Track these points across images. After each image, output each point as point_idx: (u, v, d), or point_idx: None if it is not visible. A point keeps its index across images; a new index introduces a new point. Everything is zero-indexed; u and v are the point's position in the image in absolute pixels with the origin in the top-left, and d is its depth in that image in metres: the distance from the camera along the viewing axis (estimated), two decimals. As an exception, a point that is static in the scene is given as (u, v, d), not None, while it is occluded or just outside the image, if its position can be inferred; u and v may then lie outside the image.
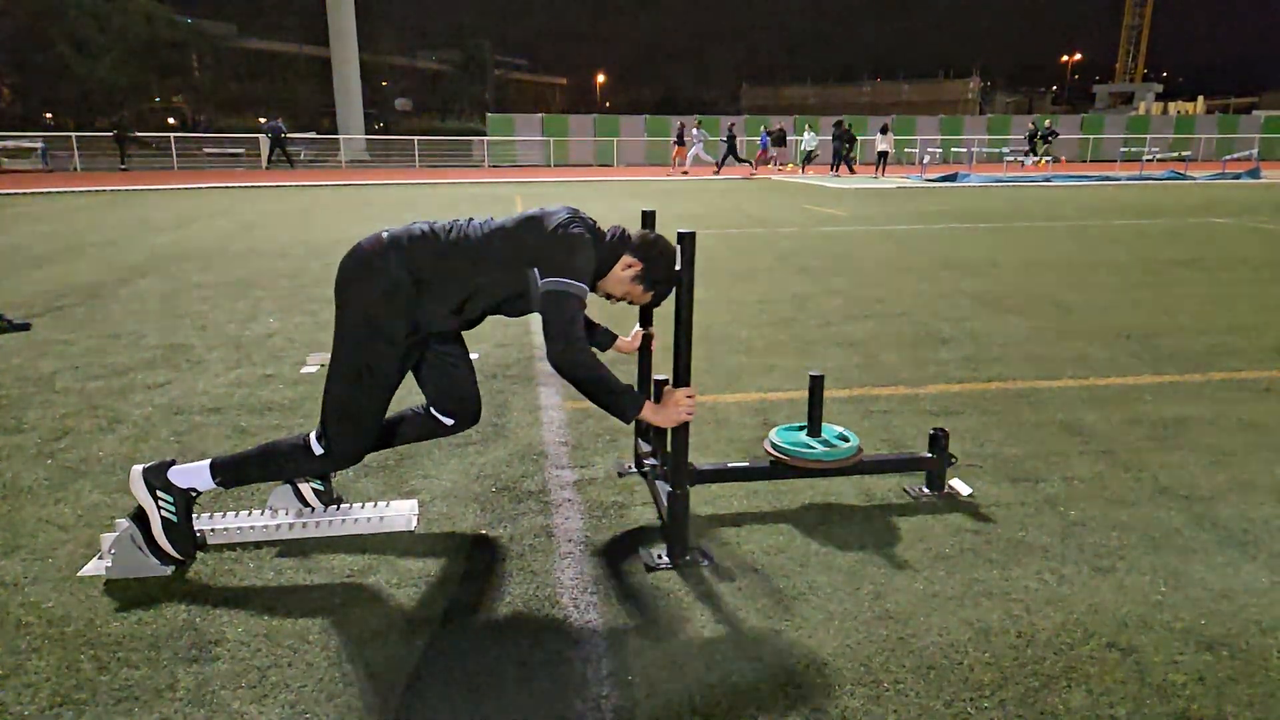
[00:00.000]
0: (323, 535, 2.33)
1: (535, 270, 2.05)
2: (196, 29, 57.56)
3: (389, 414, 2.27)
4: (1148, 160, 26.80)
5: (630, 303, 2.26)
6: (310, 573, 2.12)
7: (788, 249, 8.20)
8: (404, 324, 2.07)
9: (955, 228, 10.09)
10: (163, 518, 2.10)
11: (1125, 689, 1.68)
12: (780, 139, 26.31)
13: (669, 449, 2.20)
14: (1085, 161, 32.98)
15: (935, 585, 2.06)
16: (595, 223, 2.17)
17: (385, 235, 2.09)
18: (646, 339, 2.60)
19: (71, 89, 43.85)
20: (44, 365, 4.02)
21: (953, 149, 29.79)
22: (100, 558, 2.15)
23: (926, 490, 2.61)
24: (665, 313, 2.33)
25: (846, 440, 2.48)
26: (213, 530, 2.29)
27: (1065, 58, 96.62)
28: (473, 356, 4.08)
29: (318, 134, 33.13)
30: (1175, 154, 26.78)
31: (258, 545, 2.26)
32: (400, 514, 2.40)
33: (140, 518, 2.11)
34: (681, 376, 2.12)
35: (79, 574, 2.11)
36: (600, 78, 77.77)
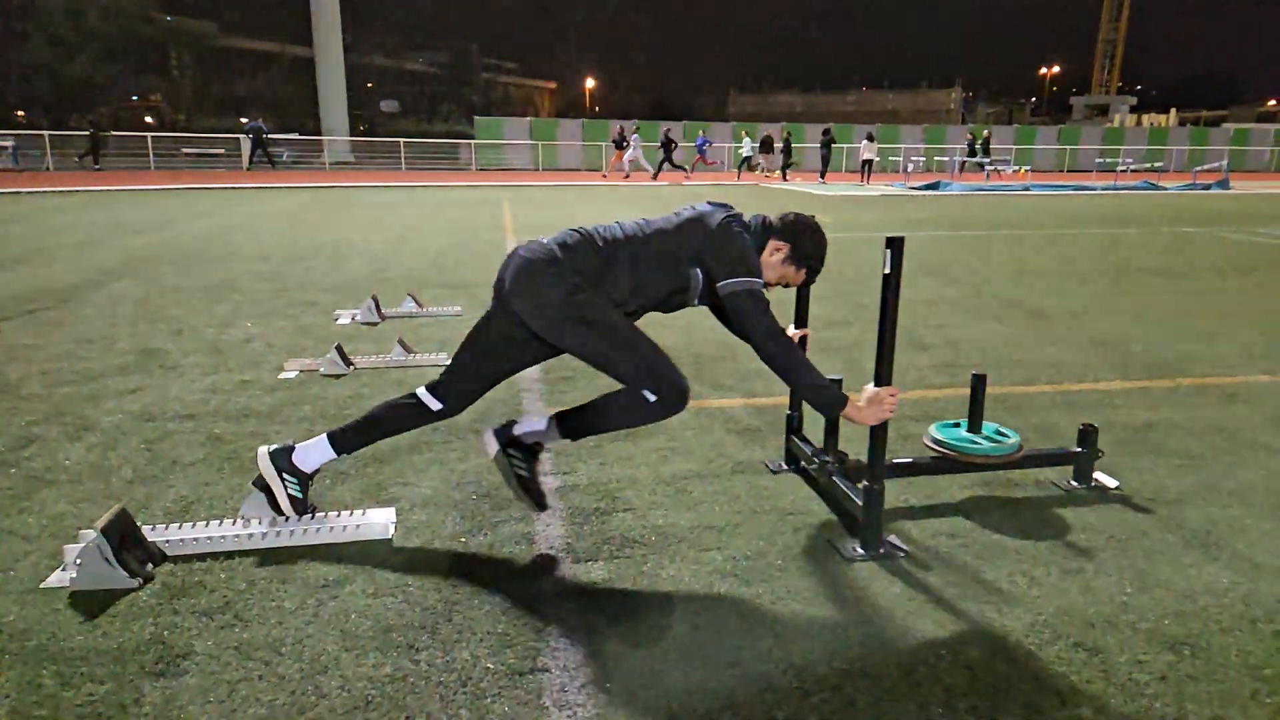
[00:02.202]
0: (297, 544, 2.29)
1: (698, 269, 2.16)
2: (176, 27, 56.98)
3: (372, 412, 2.37)
4: (1122, 170, 27.20)
5: (785, 285, 2.34)
6: (284, 583, 2.09)
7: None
8: (598, 296, 2.15)
9: (937, 235, 10.17)
10: (515, 471, 2.27)
11: (1091, 688, 1.69)
12: (768, 146, 26.45)
13: (830, 443, 2.51)
14: (1062, 171, 33.40)
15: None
16: (741, 214, 2.24)
17: (549, 242, 2.18)
18: (802, 340, 2.66)
19: (45, 86, 43.25)
20: (11, 371, 3.94)
21: (935, 158, 30.08)
22: (64, 569, 2.10)
23: (1074, 483, 2.71)
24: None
25: (1006, 436, 2.58)
26: (183, 540, 2.25)
27: (1044, 70, 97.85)
28: (453, 362, 4.10)
29: (301, 135, 32.83)
30: (1148, 165, 27.20)
31: (229, 555, 2.22)
32: (377, 522, 2.36)
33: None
34: (883, 376, 2.18)
35: (42, 586, 2.06)
36: (590, 82, 77.77)
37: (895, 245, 2.10)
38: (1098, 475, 2.75)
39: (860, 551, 2.26)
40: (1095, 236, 10.17)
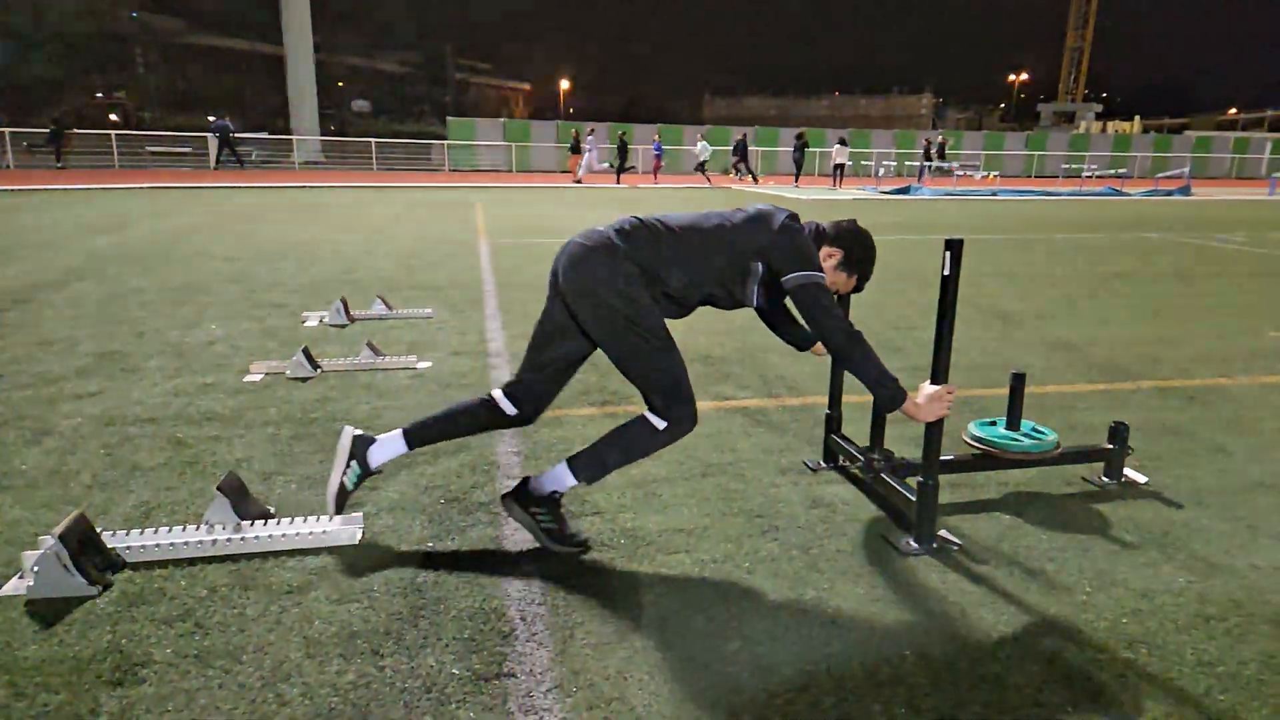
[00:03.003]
0: (261, 550, 2.25)
1: (760, 264, 2.19)
2: (142, 23, 55.96)
3: (448, 407, 2.39)
4: (1087, 176, 27.73)
5: (837, 292, 2.37)
6: (246, 590, 2.06)
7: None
8: (650, 296, 2.16)
9: (907, 239, 10.29)
10: (543, 528, 2.26)
11: (1051, 686, 1.72)
12: (741, 150, 26.57)
13: (875, 439, 2.66)
14: (1030, 177, 33.95)
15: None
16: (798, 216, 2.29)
17: (606, 229, 2.19)
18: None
19: (5, 83, 42.25)
20: (-31, 372, 3.84)
21: (906, 162, 30.43)
22: (21, 577, 2.05)
23: (1106, 479, 2.81)
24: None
25: (1045, 434, 2.67)
26: (143, 547, 2.20)
27: (1012, 77, 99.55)
28: (425, 365, 4.07)
29: (270, 134, 32.37)
30: (1113, 171, 27.77)
31: (191, 562, 2.18)
32: (344, 528, 2.34)
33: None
34: (941, 374, 2.23)
35: (-2, 593, 2.01)
36: (564, 84, 77.62)
37: (954, 248, 2.17)
38: (1127, 471, 2.85)
39: (915, 546, 2.33)
40: (1061, 241, 10.35)
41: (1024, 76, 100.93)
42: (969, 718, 1.63)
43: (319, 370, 3.92)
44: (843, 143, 23.89)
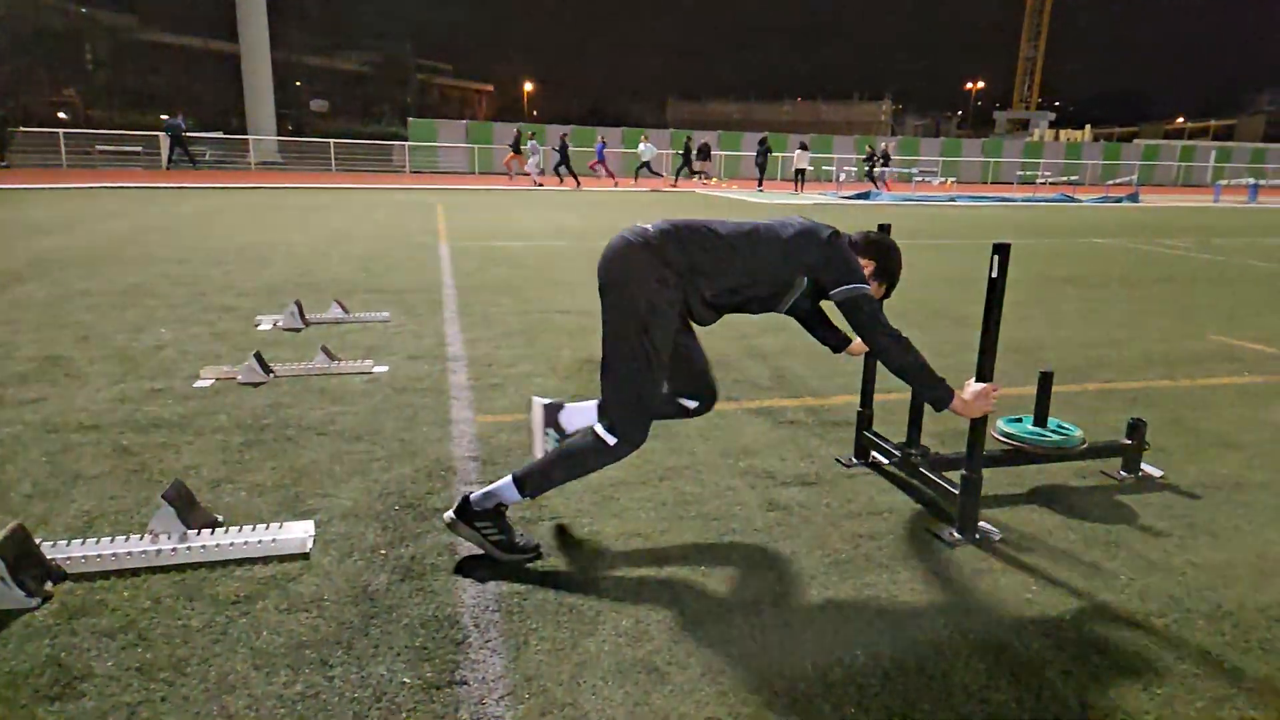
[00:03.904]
0: (208, 560, 2.21)
1: (806, 277, 2.26)
2: (91, 18, 54.44)
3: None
4: (1041, 183, 28.43)
5: None
6: (191, 601, 2.01)
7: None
8: (678, 308, 2.21)
9: (865, 244, 10.42)
10: (492, 541, 2.22)
11: (998, 684, 1.75)
12: (705, 153, 26.71)
13: (912, 436, 2.78)
14: (986, 183, 34.69)
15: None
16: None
17: (649, 228, 2.22)
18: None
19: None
20: (-99, 378, 3.70)
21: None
22: (-47, 589, 1.98)
23: (1124, 473, 2.95)
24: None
25: (1069, 430, 2.81)
26: (85, 558, 2.14)
27: (969, 85, 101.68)
28: (381, 369, 4.02)
29: (225, 134, 31.70)
30: (1065, 178, 28.51)
31: (134, 572, 2.13)
32: (294, 536, 2.30)
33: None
34: (985, 373, 2.34)
35: (-72, 607, 1.94)
36: (528, 86, 77.17)
37: (1002, 252, 2.27)
38: (1144, 466, 2.98)
39: (959, 536, 2.42)
40: (1015, 246, 10.56)
41: (980, 84, 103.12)
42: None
43: (271, 375, 3.85)
44: (803, 147, 24.18)
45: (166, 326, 4.88)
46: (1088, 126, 77.09)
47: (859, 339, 2.67)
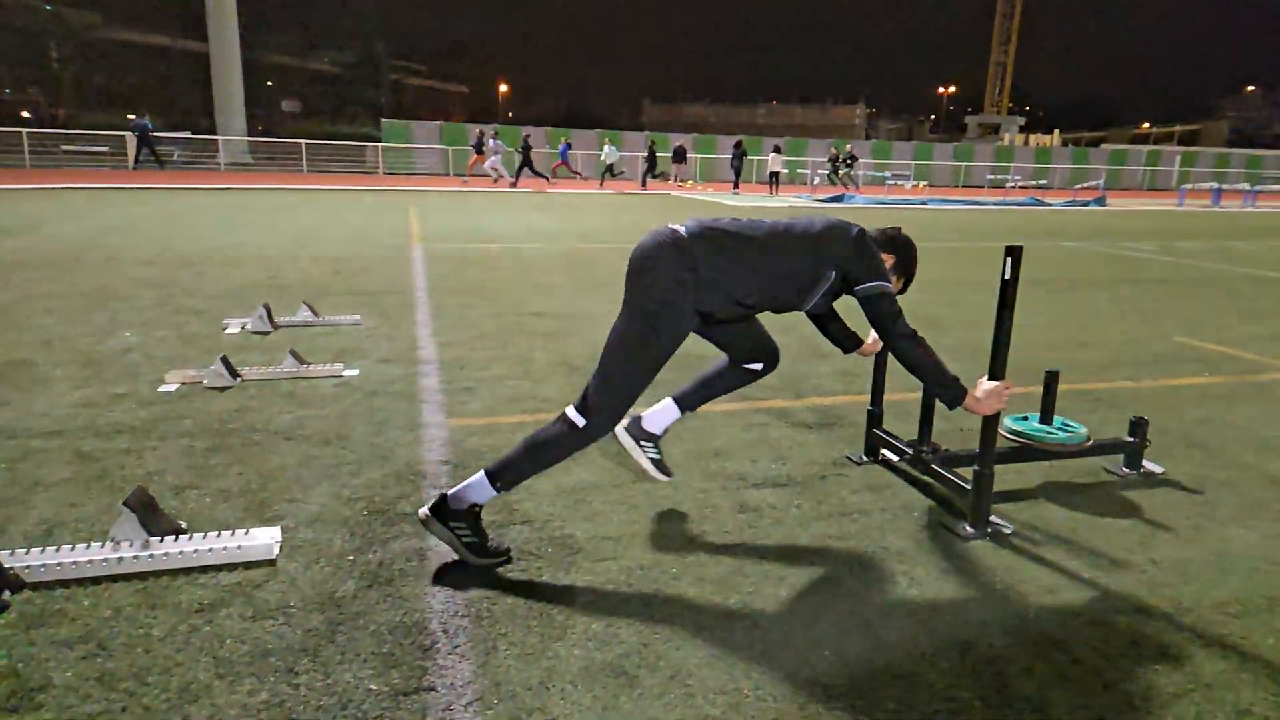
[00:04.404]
0: (171, 568, 2.17)
1: (834, 272, 2.30)
2: (56, 16, 53.40)
3: (707, 372, 2.60)
4: (1011, 187, 28.85)
5: None
6: (154, 609, 1.98)
7: (679, 265, 8.33)
8: (694, 310, 2.24)
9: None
10: (464, 543, 2.21)
11: (964, 682, 1.78)
12: (680, 155, 26.79)
13: (923, 434, 2.85)
14: (957, 186, 35.15)
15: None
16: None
17: (681, 230, 2.26)
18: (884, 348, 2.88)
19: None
20: None
21: (855, 173, 31.13)
22: (-95, 600, 1.93)
23: (1126, 469, 3.03)
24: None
25: (1075, 427, 2.90)
26: (44, 566, 2.10)
27: (941, 90, 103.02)
28: (352, 373, 3.98)
29: (194, 134, 31.23)
30: (1035, 182, 28.97)
31: (95, 581, 2.09)
32: (260, 542, 2.27)
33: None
34: (998, 371, 2.41)
35: (-122, 620, 1.89)
36: (503, 88, 76.89)
37: (1014, 254, 2.33)
38: (1145, 463, 3.06)
39: (971, 531, 2.49)
40: (986, 249, 10.74)
41: (952, 89, 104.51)
42: (877, 710, 1.68)
43: (239, 379, 3.80)
44: (778, 150, 24.34)
45: (131, 330, 4.79)
46: (1057, 131, 78.37)
47: (869, 340, 2.81)
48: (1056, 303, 6.69)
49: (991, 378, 2.41)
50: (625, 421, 2.54)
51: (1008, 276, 2.34)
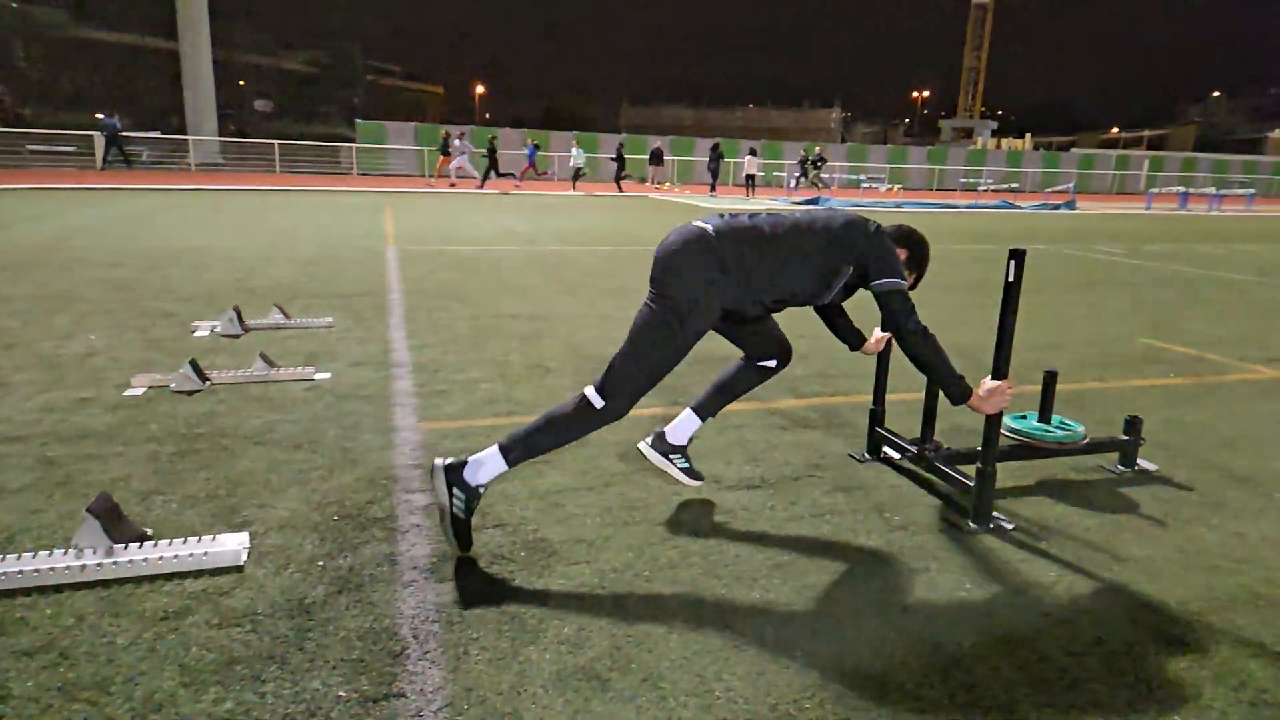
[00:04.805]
0: (136, 575, 2.13)
1: (851, 267, 2.38)
2: (21, 13, 52.37)
3: (722, 376, 2.67)
4: (983, 190, 29.23)
5: None
6: (117, 617, 1.94)
7: (655, 267, 8.34)
8: (720, 307, 2.31)
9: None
10: (452, 511, 2.24)
11: (930, 680, 1.80)
12: (657, 158, 26.84)
13: (926, 432, 2.93)
14: (931, 189, 35.53)
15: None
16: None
17: (708, 228, 2.31)
18: (889, 344, 2.96)
19: None
20: None
21: (824, 175, 31.35)
22: None
23: (1121, 467, 3.11)
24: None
25: (1073, 426, 2.99)
26: (5, 574, 2.05)
27: (916, 94, 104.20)
28: (324, 376, 3.94)
29: (164, 134, 30.75)
30: (1007, 185, 29.39)
31: (57, 589, 2.05)
32: (227, 548, 2.24)
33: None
34: (1001, 370, 2.48)
35: None
36: (479, 89, 76.46)
37: (1018, 257, 2.42)
38: (1140, 461, 3.14)
39: (974, 526, 2.56)
40: (958, 252, 10.86)
41: (926, 93, 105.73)
42: (848, 711, 1.69)
43: (207, 383, 3.74)
44: (753, 153, 24.47)
45: (97, 333, 4.71)
46: (1028, 135, 79.55)
47: (871, 340, 2.88)
48: (1027, 305, 6.78)
49: (995, 377, 2.48)
50: (650, 439, 2.69)
51: (1010, 279, 2.42)
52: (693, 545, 2.41)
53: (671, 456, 2.68)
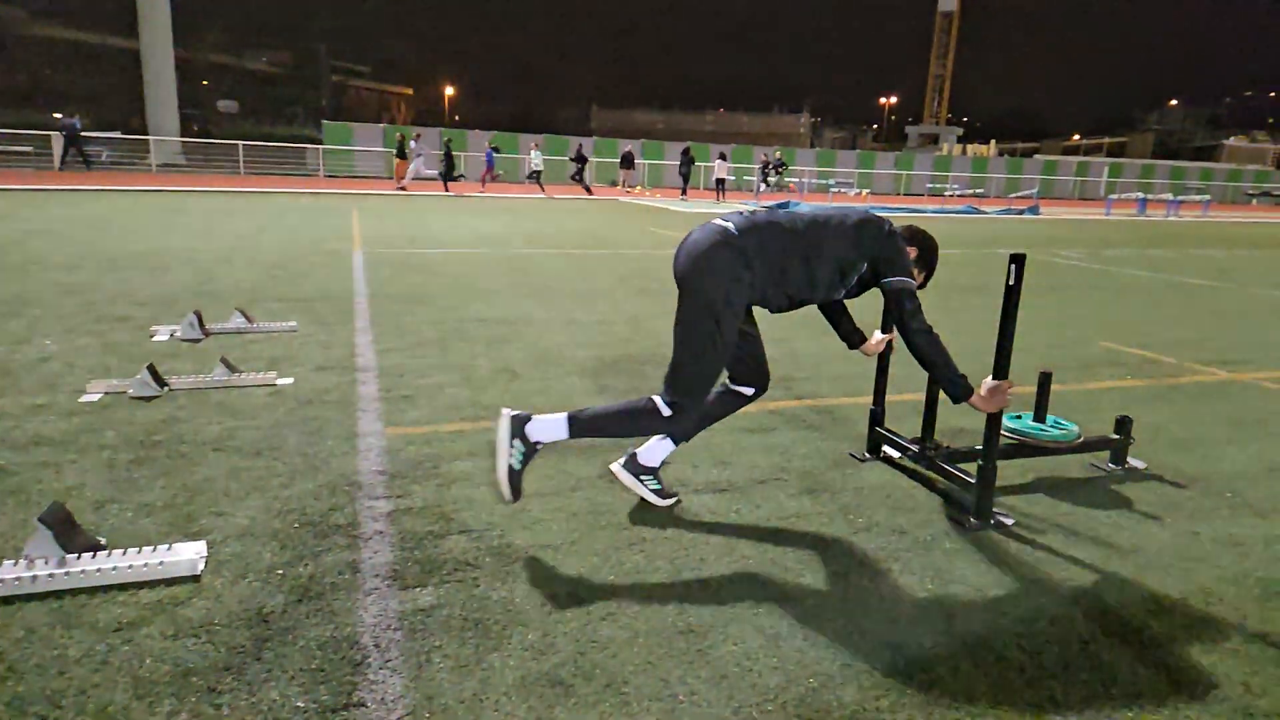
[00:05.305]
0: (89, 585, 2.08)
1: (865, 265, 2.46)
2: (-24, 11, 51.05)
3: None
4: (949, 195, 29.67)
5: None
6: (69, 629, 1.89)
7: (629, 271, 8.36)
8: (749, 302, 2.41)
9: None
10: (509, 463, 2.38)
11: (889, 682, 1.82)
12: (628, 162, 26.88)
13: (926, 432, 3.01)
14: (899, 194, 36.00)
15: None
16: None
17: (731, 227, 2.38)
18: (888, 345, 3.05)
19: None
20: None
21: (786, 179, 31.61)
22: None
23: (1112, 465, 3.20)
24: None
25: (1067, 425, 3.07)
26: (-52, 586, 1.99)
27: (883, 100, 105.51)
28: (286, 381, 3.88)
29: (124, 134, 30.11)
30: (972, 191, 29.87)
31: (7, 601, 1.99)
32: (184, 558, 2.19)
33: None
34: (1002, 370, 2.56)
35: None
36: (449, 91, 75.81)
37: (1018, 261, 2.50)
38: (1130, 459, 3.24)
39: (975, 522, 2.63)
40: (923, 256, 11.00)
41: (894, 100, 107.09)
42: (811, 712, 1.70)
43: (166, 389, 3.67)
44: (723, 158, 24.61)
45: (52, 338, 4.59)
46: (993, 141, 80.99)
47: (872, 340, 2.96)
48: (990, 310, 6.89)
49: (995, 377, 2.56)
50: (622, 460, 2.70)
51: (1011, 283, 2.50)
52: (659, 549, 2.41)
53: (643, 478, 2.69)
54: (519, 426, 2.40)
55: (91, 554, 2.17)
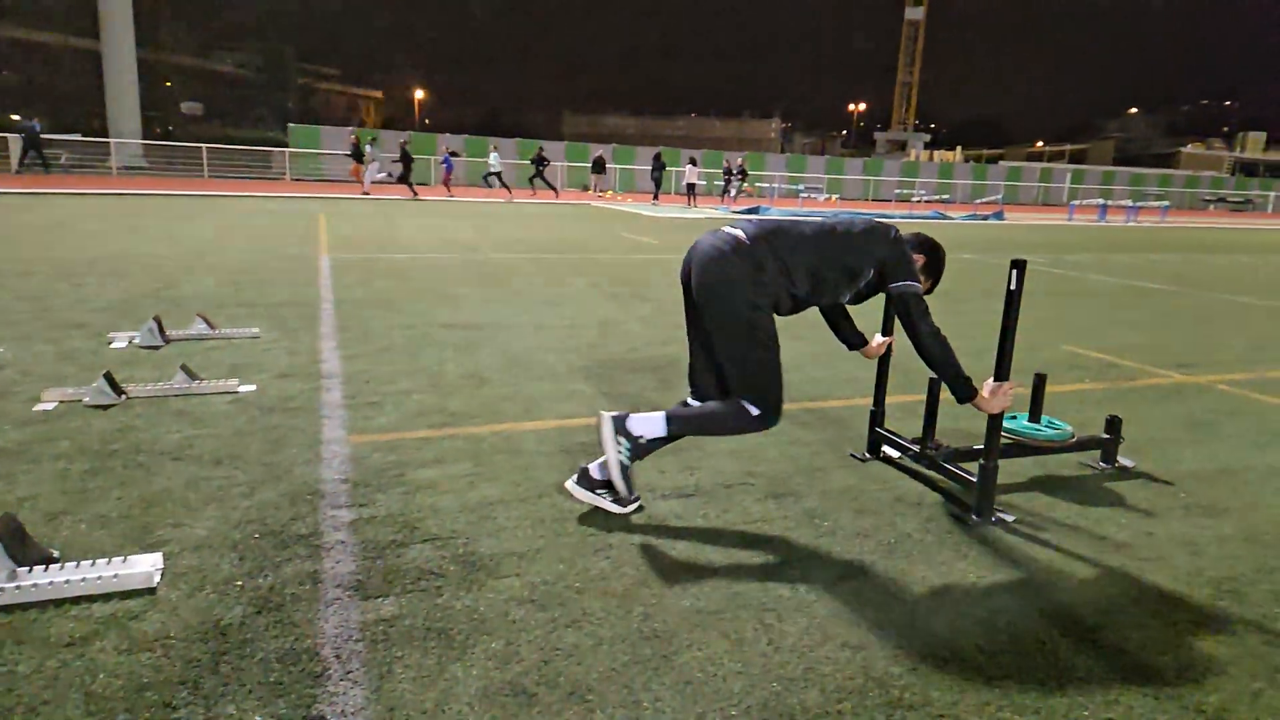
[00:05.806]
0: (40, 599, 2.03)
1: (873, 269, 2.52)
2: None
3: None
4: (917, 201, 30.09)
5: None
6: (19, 644, 1.85)
7: (599, 275, 8.35)
8: (771, 301, 2.46)
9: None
10: (619, 460, 2.52)
11: (853, 684, 1.84)
12: (599, 166, 26.87)
13: (927, 432, 3.06)
14: (867, 200, 36.43)
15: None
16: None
17: (741, 234, 2.44)
18: (889, 348, 3.11)
19: None
20: None
21: (757, 184, 31.86)
22: None
23: (1103, 464, 3.28)
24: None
25: (1061, 425, 3.16)
26: (-110, 603, 1.93)
27: (852, 106, 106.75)
28: (248, 388, 3.82)
29: (84, 136, 29.48)
30: (939, 196, 30.32)
31: (-50, 617, 1.93)
32: (139, 570, 2.15)
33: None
34: (1004, 372, 2.64)
35: None
36: (419, 94, 75.22)
37: (1019, 266, 2.59)
38: (1120, 458, 3.32)
39: (977, 519, 2.71)
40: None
41: (863, 106, 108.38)
42: (776, 715, 1.71)
43: (123, 397, 3.59)
44: (693, 163, 24.71)
45: (5, 345, 4.48)
46: (959, 148, 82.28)
47: (873, 343, 3.02)
48: (955, 314, 7.00)
49: (997, 379, 2.64)
50: (575, 476, 2.71)
51: (1012, 288, 2.57)
52: (625, 555, 2.41)
53: (599, 491, 2.69)
54: (620, 424, 2.52)
55: (44, 567, 2.12)
